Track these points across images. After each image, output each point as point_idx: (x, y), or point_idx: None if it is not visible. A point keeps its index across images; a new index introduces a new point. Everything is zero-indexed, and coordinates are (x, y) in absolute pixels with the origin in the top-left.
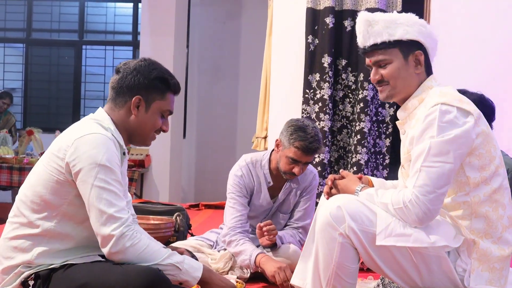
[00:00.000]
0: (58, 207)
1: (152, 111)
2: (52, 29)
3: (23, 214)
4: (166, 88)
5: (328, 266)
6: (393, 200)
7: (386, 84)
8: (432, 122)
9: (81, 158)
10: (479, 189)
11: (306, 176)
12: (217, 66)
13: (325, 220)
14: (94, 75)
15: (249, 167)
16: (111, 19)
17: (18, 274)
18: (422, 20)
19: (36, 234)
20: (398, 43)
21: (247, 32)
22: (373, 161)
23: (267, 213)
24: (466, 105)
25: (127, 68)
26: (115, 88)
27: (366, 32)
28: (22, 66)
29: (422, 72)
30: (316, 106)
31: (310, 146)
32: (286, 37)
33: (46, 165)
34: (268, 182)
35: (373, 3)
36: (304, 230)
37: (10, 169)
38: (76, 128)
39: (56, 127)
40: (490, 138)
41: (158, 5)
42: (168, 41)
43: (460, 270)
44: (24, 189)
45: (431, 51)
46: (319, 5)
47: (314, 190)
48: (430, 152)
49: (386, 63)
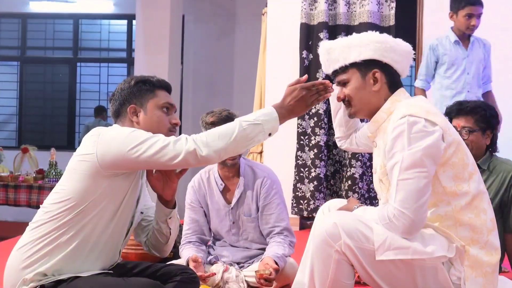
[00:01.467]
0: (79, 207)
1: (150, 111)
2: (47, 46)
3: (44, 222)
4: (151, 86)
5: (324, 282)
6: (379, 216)
7: (348, 102)
8: (401, 134)
9: (113, 141)
10: (459, 198)
11: (256, 174)
12: (211, 82)
13: (321, 237)
14: (88, 92)
15: (201, 175)
16: (105, 36)
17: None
18: (382, 36)
19: (49, 242)
20: (354, 64)
21: (241, 48)
22: (368, 174)
23: (230, 218)
24: (433, 117)
25: (115, 91)
26: (114, 112)
27: (326, 61)
28: (17, 84)
29: (383, 88)
30: (311, 120)
31: (223, 115)
32: (280, 52)
33: (71, 169)
34: (219, 184)
35: (366, 18)
36: (289, 231)
37: (6, 187)
38: (94, 131)
39: (51, 144)
40: (461, 146)
41: (152, 22)
42: (163, 58)
43: (454, 279)
44: (48, 199)
45: (397, 65)
46: (313, 20)
47: (274, 189)
48: (403, 164)
49: (346, 82)
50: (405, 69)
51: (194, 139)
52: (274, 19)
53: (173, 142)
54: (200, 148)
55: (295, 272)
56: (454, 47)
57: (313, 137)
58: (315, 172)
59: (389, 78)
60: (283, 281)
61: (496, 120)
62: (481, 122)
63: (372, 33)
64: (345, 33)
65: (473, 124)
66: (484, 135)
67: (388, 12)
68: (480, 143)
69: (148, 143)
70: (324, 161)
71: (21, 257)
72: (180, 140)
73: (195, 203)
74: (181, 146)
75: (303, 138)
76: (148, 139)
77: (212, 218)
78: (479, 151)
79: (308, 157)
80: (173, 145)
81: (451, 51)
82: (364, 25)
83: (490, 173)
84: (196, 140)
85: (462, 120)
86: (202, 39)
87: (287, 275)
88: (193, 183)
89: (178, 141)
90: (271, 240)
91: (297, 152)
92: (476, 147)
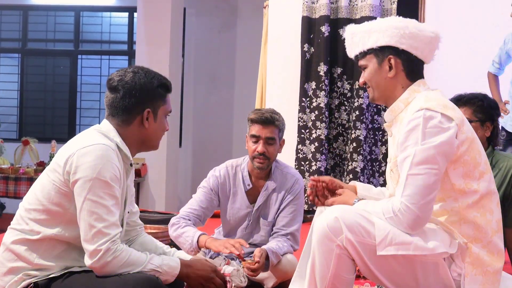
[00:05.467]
0: (61, 217)
1: (159, 118)
2: (48, 39)
3: (25, 222)
4: (165, 91)
5: (325, 276)
6: (384, 209)
7: (369, 87)
8: (416, 128)
9: (79, 169)
10: (466, 195)
11: (286, 179)
12: (212, 75)
13: (322, 231)
14: (89, 85)
15: (228, 169)
16: (107, 28)
17: (18, 282)
18: (403, 22)
19: (37, 240)
20: (372, 50)
21: (242, 41)
22: (369, 168)
23: (249, 219)
24: (450, 112)
25: (125, 84)
26: (118, 107)
27: (349, 44)
28: (18, 76)
29: (400, 75)
30: (312, 114)
31: (263, 115)
32: (282, 45)
33: (50, 175)
34: (247, 184)
35: (368, 12)
36: (293, 237)
37: (6, 179)
38: (80, 138)
39: (52, 137)
40: (474, 144)
41: (154, 15)
42: (164, 51)
43: (455, 275)
44: (28, 198)
45: (417, 51)
46: (315, 13)
47: (299, 195)
48: (415, 159)
49: (364, 67)
50: (428, 56)
51: (114, 252)
52: (275, 12)
53: (110, 241)
54: (110, 259)
55: (294, 269)
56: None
57: (314, 131)
58: (316, 165)
59: (407, 65)
60: (282, 277)
61: (496, 111)
62: (479, 112)
63: (394, 18)
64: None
65: (470, 115)
66: (483, 126)
67: (389, 6)
68: (479, 135)
69: (101, 211)
70: (325, 155)
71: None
72: (107, 252)
73: (212, 192)
74: (106, 245)
75: (304, 131)
76: (105, 208)
77: (228, 214)
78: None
79: (309, 150)
80: (99, 238)
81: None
82: (366, 18)
83: (493, 167)
84: (116, 254)
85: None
86: (204, 32)
87: (285, 271)
88: (218, 173)
89: (112, 244)
90: (272, 238)
91: (298, 146)
92: None
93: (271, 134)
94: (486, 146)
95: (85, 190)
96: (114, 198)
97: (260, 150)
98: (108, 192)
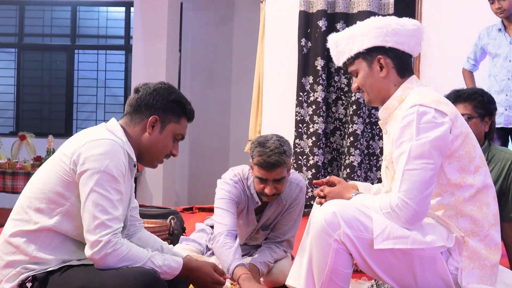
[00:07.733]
0: (60, 206)
1: (166, 132)
2: (44, 33)
3: (25, 211)
4: (182, 112)
5: (322, 271)
6: (381, 204)
7: (363, 91)
8: (410, 123)
9: (88, 160)
10: (463, 189)
11: (290, 189)
12: (209, 70)
13: (320, 226)
14: (86, 80)
15: (242, 180)
16: (103, 23)
17: (17, 275)
18: (383, 21)
19: (34, 230)
20: (360, 54)
21: (239, 35)
22: (366, 162)
23: (252, 229)
24: (444, 107)
25: (146, 88)
26: (133, 106)
27: (335, 53)
28: (14, 71)
29: (391, 73)
30: (309, 108)
31: (268, 160)
32: (279, 40)
33: (55, 164)
34: (256, 202)
35: (365, 6)
36: (288, 243)
37: (3, 174)
38: (88, 132)
39: (49, 131)
40: (469, 138)
41: (150, 9)
42: (161, 45)
43: (452, 269)
44: (29, 187)
45: (403, 46)
46: (312, 8)
47: (300, 204)
48: (411, 154)
49: (356, 72)
50: (415, 48)
51: (115, 244)
52: (272, 7)
53: (111, 234)
54: (110, 250)
55: (285, 277)
56: (498, 34)
57: (311, 125)
58: (313, 160)
59: (396, 62)
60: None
61: (493, 106)
62: (479, 108)
63: (373, 19)
64: (344, 21)
65: (471, 110)
66: (483, 121)
67: (387, 0)
68: (479, 130)
69: (106, 204)
70: (322, 149)
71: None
72: (107, 243)
73: (232, 198)
74: (107, 237)
75: (301, 126)
76: (110, 201)
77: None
78: (478, 139)
79: (306, 145)
80: (101, 230)
81: (495, 40)
82: (363, 13)
83: (489, 162)
84: (116, 246)
85: (460, 107)
86: (201, 26)
87: (276, 280)
88: (232, 182)
89: (113, 236)
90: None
91: (295, 140)
92: (475, 134)
93: (279, 175)
94: (483, 141)
95: (92, 182)
96: (119, 194)
97: (269, 192)
98: (114, 186)
